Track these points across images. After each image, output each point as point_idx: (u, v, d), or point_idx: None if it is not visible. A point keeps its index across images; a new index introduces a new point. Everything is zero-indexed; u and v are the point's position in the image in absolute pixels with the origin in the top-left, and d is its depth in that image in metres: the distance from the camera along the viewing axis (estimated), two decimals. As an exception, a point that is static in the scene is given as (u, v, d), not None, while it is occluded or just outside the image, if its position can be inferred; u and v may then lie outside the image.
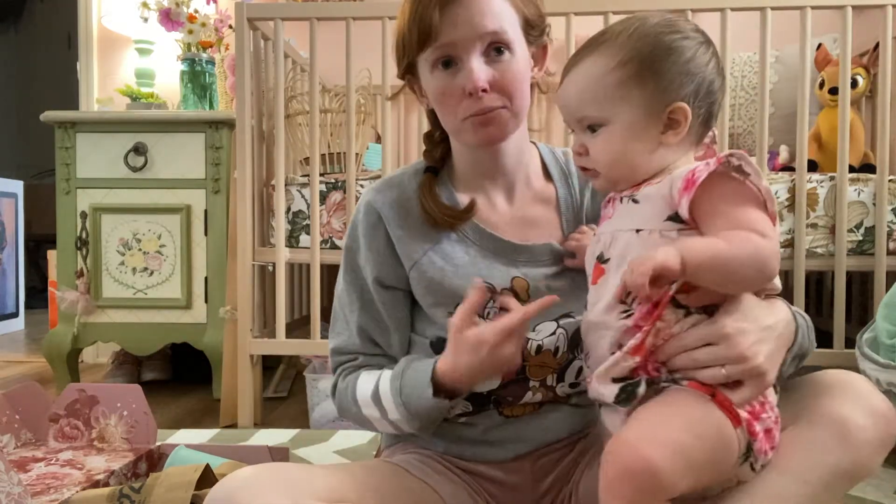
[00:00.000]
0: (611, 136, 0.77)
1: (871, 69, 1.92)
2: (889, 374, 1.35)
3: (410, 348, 0.94)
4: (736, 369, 0.69)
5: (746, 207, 0.71)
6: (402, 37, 0.86)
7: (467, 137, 0.87)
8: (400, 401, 0.84)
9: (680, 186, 0.72)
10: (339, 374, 0.95)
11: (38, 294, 4.58)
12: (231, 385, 1.90)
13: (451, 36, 0.82)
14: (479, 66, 0.83)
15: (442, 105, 0.87)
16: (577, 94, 0.78)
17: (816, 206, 1.73)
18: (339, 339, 0.95)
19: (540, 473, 0.91)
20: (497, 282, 0.88)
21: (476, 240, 0.91)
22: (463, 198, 0.93)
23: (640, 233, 0.74)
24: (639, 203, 0.76)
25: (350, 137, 1.83)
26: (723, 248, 0.68)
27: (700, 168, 0.71)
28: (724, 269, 0.68)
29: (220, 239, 2.20)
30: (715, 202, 0.71)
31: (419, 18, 0.82)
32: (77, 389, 1.38)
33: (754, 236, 0.68)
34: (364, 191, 0.96)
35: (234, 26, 2.04)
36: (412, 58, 0.87)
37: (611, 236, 0.77)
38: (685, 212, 0.71)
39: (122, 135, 2.22)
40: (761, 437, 0.70)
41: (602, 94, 0.77)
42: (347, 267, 0.95)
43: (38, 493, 1.11)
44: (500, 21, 0.83)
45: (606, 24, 1.76)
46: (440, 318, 0.90)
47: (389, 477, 0.85)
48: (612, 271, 0.76)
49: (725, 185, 0.71)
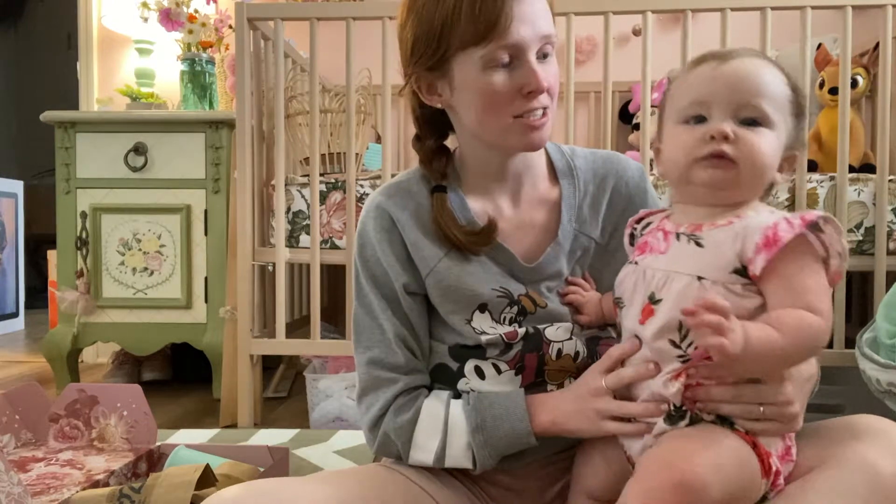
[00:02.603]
0: (771, 140, 0.73)
1: (871, 69, 1.92)
2: (889, 374, 1.34)
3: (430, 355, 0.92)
4: (774, 411, 0.71)
5: (812, 277, 0.69)
6: (444, 27, 0.80)
7: (513, 139, 0.84)
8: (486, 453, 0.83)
9: (759, 242, 0.68)
10: (383, 409, 0.87)
11: (38, 294, 4.57)
12: (231, 385, 1.90)
13: (521, 33, 0.79)
14: (538, 66, 0.81)
15: (491, 104, 0.82)
16: (757, 79, 0.73)
17: (816, 206, 1.73)
18: (375, 351, 0.88)
19: (548, 480, 0.90)
20: (513, 288, 0.88)
21: (488, 251, 0.89)
22: (474, 204, 0.90)
23: (702, 281, 0.71)
24: (703, 247, 0.73)
25: (350, 137, 1.83)
26: (777, 342, 0.66)
27: (782, 227, 0.68)
28: (777, 362, 0.69)
29: (220, 239, 2.20)
30: (783, 267, 0.68)
31: (483, 9, 0.78)
32: (77, 389, 1.38)
33: (810, 319, 0.67)
34: (371, 195, 0.93)
35: (234, 26, 2.04)
36: (454, 52, 0.81)
37: (665, 276, 0.74)
38: (758, 270, 0.68)
39: (122, 135, 2.22)
40: (780, 485, 0.72)
41: (780, 98, 0.74)
42: (367, 275, 0.90)
43: (38, 493, 1.11)
44: (551, 23, 0.83)
45: (606, 24, 1.77)
46: (458, 325, 0.88)
47: (382, 484, 0.83)
48: (662, 313, 0.73)
49: (801, 246, 0.69)
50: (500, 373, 0.87)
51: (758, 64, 0.74)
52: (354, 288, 0.93)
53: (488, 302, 0.87)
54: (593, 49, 2.64)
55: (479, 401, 0.84)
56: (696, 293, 0.70)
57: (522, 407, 0.83)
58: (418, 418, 0.85)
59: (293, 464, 1.41)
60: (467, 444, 0.83)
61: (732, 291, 0.70)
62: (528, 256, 0.90)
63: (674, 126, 0.76)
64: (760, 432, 0.71)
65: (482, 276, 0.87)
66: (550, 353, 0.86)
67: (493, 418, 0.83)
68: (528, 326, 0.87)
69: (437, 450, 0.84)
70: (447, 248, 0.88)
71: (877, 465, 0.70)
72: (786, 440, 0.74)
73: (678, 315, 0.70)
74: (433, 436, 0.85)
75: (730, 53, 0.75)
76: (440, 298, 0.89)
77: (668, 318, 0.72)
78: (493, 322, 0.87)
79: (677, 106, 0.76)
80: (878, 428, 0.74)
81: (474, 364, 0.88)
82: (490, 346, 0.87)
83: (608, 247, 0.93)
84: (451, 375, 0.89)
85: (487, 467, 0.84)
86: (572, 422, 0.81)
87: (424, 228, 0.89)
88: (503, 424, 0.82)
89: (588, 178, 0.94)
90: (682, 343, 0.72)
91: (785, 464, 0.73)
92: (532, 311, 0.88)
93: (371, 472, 0.87)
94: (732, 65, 0.73)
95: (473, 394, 0.86)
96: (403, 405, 0.87)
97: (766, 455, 0.71)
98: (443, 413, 0.85)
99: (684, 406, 0.73)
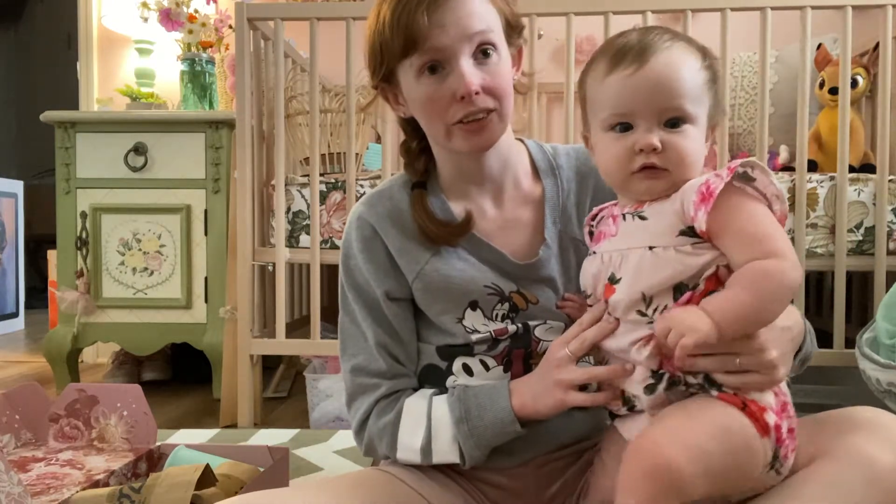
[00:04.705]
0: (695, 135, 0.74)
1: (871, 69, 1.92)
2: (889, 374, 1.35)
3: (418, 357, 0.92)
4: (751, 360, 0.70)
5: (760, 221, 0.71)
6: (380, 43, 0.82)
7: (457, 144, 0.84)
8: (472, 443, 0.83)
9: (694, 199, 0.71)
10: (366, 413, 0.89)
11: (38, 294, 4.57)
12: (231, 385, 1.90)
13: (439, 40, 0.79)
14: (469, 68, 0.80)
15: (429, 112, 0.84)
16: (675, 82, 0.73)
17: (816, 206, 1.73)
18: (358, 358, 0.90)
19: (545, 480, 0.90)
20: (504, 285, 0.88)
21: (473, 250, 0.89)
22: (455, 207, 0.91)
23: (653, 250, 0.73)
24: (647, 219, 0.75)
25: (350, 137, 1.83)
26: (748, 301, 0.67)
27: (712, 180, 0.70)
28: (755, 319, 0.69)
29: (220, 239, 2.20)
30: (728, 216, 0.70)
31: (403, 23, 0.79)
32: (77, 389, 1.38)
33: (773, 264, 0.68)
34: (354, 206, 0.94)
35: (234, 26, 2.04)
36: (393, 65, 0.83)
37: (620, 255, 0.76)
38: (703, 225, 0.70)
39: (122, 135, 2.22)
40: (786, 440, 0.71)
41: (697, 88, 0.74)
42: (351, 284, 0.92)
43: (38, 493, 1.11)
44: (487, 21, 0.82)
45: (606, 24, 1.77)
46: (448, 325, 0.89)
47: (376, 489, 0.83)
48: (622, 290, 0.75)
49: (736, 196, 0.71)
50: (489, 369, 0.88)
51: (672, 60, 0.74)
52: (340, 297, 0.94)
53: (479, 299, 0.88)
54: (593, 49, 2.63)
55: (464, 392, 0.85)
56: (650, 262, 0.73)
57: (505, 395, 0.83)
58: (400, 417, 0.87)
59: (293, 464, 1.41)
60: (453, 437, 0.84)
61: (682, 252, 0.72)
62: (519, 254, 0.90)
63: (601, 133, 0.78)
64: (742, 387, 0.70)
65: (472, 274, 0.88)
66: (538, 350, 0.87)
67: (477, 407, 0.83)
68: (519, 324, 0.87)
69: (423, 444, 0.85)
70: (433, 250, 0.89)
71: (876, 458, 0.70)
72: (779, 395, 0.73)
73: (639, 287, 0.73)
74: (416, 431, 0.85)
75: (643, 52, 0.74)
76: (430, 299, 0.89)
77: (630, 293, 0.74)
78: (485, 319, 0.88)
79: (601, 114, 0.77)
80: (878, 421, 0.74)
81: (462, 362, 0.89)
82: (478, 343, 0.87)
83: None
84: (440, 374, 0.90)
85: (476, 460, 0.84)
86: (539, 401, 0.81)
87: (408, 233, 0.89)
88: (486, 413, 0.83)
89: (570, 176, 0.94)
90: (648, 310, 0.73)
91: (785, 419, 0.72)
92: (524, 308, 0.88)
93: (365, 476, 0.87)
94: (648, 69, 0.73)
95: (459, 386, 0.87)
96: (385, 407, 0.88)
97: (761, 411, 0.70)
98: (425, 408, 0.86)
99: (661, 369, 0.73)
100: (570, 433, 0.89)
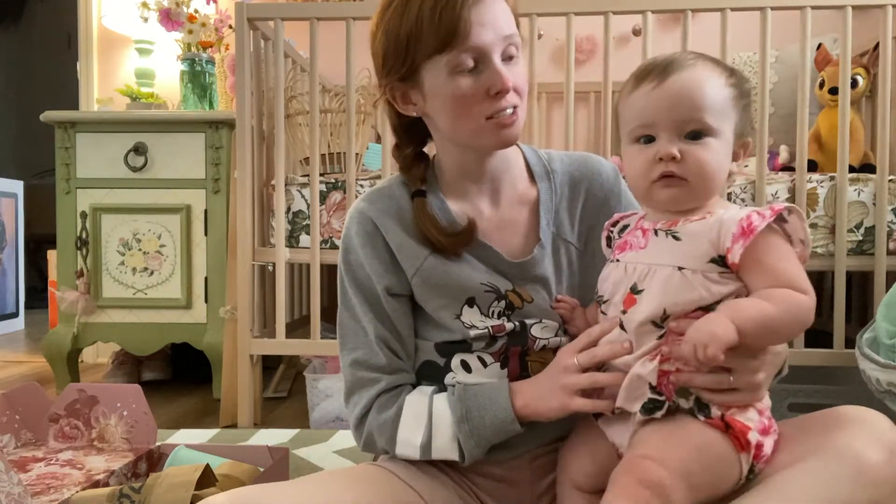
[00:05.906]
0: (716, 147, 0.77)
1: (871, 69, 1.92)
2: (889, 374, 1.35)
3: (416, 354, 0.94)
4: (741, 379, 0.73)
5: (790, 260, 0.75)
6: (409, 37, 0.82)
7: (485, 140, 0.86)
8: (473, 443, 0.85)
9: (734, 232, 0.73)
10: (366, 407, 0.90)
11: (38, 294, 4.58)
12: (231, 385, 1.90)
13: (480, 37, 0.81)
14: (503, 67, 0.83)
15: (459, 107, 0.84)
16: (696, 96, 0.76)
17: (816, 206, 1.73)
18: (358, 352, 0.91)
19: (539, 472, 0.92)
20: (500, 284, 0.90)
21: (470, 249, 0.90)
22: (454, 206, 0.92)
23: (682, 271, 0.75)
24: (680, 240, 0.77)
25: (350, 137, 1.83)
26: (771, 313, 0.71)
27: (755, 217, 0.73)
28: (772, 332, 0.73)
29: (220, 239, 2.20)
30: (761, 253, 0.73)
31: (446, 18, 0.80)
32: (77, 389, 1.39)
33: (797, 295, 0.72)
34: (354, 203, 0.94)
35: (234, 26, 2.04)
36: (421, 60, 0.83)
37: (647, 269, 0.78)
38: (737, 258, 0.73)
39: (122, 135, 2.22)
40: (765, 456, 0.75)
41: (720, 102, 0.77)
42: (351, 279, 0.92)
43: (38, 493, 1.11)
44: (512, 23, 0.85)
45: (606, 24, 1.76)
46: (448, 321, 0.90)
47: (370, 484, 0.84)
48: (643, 302, 0.77)
49: (773, 235, 0.74)
50: (486, 366, 0.89)
51: (694, 75, 0.77)
52: (339, 292, 0.95)
53: (476, 296, 0.89)
54: (593, 49, 2.64)
55: (464, 391, 0.86)
56: (678, 282, 0.75)
57: (505, 395, 0.85)
58: (401, 413, 0.88)
59: (293, 464, 1.41)
60: (453, 436, 0.85)
61: (709, 279, 0.75)
62: (514, 253, 0.92)
63: (628, 146, 0.81)
64: (725, 404, 0.74)
65: (469, 272, 0.90)
66: (534, 347, 0.89)
67: (478, 408, 0.85)
68: (516, 321, 0.89)
69: (423, 442, 0.86)
70: (432, 247, 0.90)
71: (862, 454, 0.71)
72: (762, 416, 0.76)
73: (662, 303, 0.75)
74: (417, 429, 0.86)
75: (667, 68, 0.78)
76: (429, 295, 0.90)
77: (653, 307, 0.76)
78: (481, 316, 0.89)
79: (626, 128, 0.81)
80: (864, 418, 0.76)
81: (461, 358, 0.90)
82: (476, 340, 0.89)
83: (587, 250, 0.95)
84: (438, 371, 0.91)
85: (475, 457, 0.85)
86: (543, 403, 0.83)
87: (408, 230, 0.91)
88: (487, 414, 0.84)
89: (564, 181, 0.96)
90: (664, 323, 0.76)
91: (768, 436, 0.75)
92: (519, 306, 0.90)
93: (360, 472, 0.88)
94: (670, 83, 0.77)
95: (459, 386, 0.88)
96: (386, 402, 0.89)
97: (743, 432, 0.73)
98: (426, 405, 0.87)
99: (660, 388, 0.75)
100: (564, 427, 0.90)
